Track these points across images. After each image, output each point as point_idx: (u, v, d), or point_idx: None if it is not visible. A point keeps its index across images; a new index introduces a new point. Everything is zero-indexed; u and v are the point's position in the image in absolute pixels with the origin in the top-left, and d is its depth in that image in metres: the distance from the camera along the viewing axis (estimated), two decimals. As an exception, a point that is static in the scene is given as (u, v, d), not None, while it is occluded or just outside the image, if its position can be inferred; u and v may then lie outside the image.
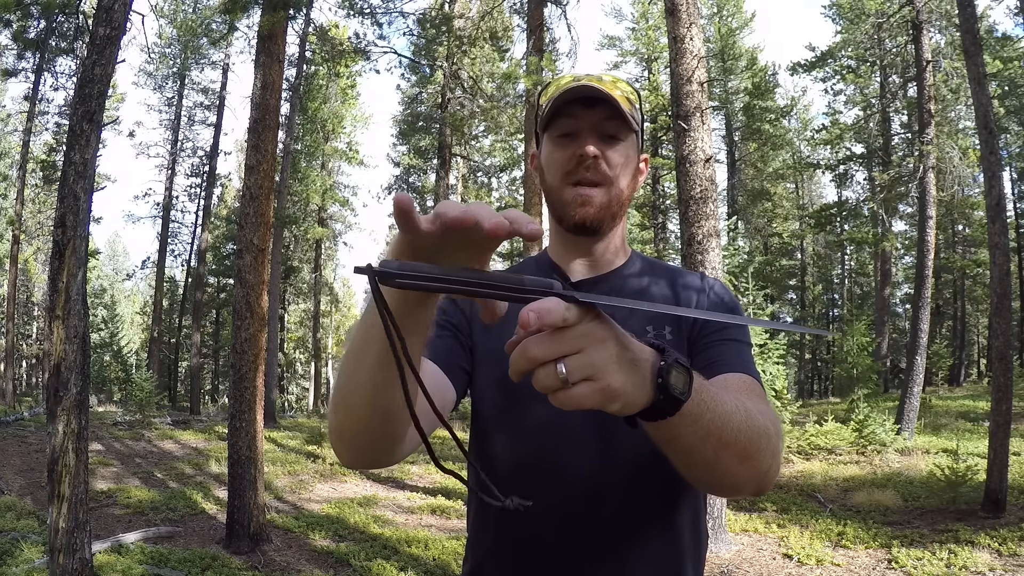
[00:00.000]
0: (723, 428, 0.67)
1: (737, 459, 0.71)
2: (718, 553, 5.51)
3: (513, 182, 25.89)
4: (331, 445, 0.81)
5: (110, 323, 32.10)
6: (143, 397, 13.75)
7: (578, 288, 1.00)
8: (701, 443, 0.67)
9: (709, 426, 0.66)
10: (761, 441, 0.73)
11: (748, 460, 0.72)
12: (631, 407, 0.58)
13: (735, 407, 0.70)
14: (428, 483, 9.04)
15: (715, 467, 0.72)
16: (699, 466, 0.73)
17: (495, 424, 1.00)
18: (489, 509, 1.01)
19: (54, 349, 3.92)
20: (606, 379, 0.54)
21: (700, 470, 0.74)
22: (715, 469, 0.72)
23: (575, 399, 0.54)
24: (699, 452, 0.69)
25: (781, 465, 0.81)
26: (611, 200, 1.00)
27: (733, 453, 0.70)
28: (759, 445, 0.72)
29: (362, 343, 0.68)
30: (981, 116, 6.55)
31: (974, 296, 26.64)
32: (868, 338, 16.28)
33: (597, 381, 0.54)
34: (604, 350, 0.55)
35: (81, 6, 10.06)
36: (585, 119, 0.98)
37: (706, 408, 0.65)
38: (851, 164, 19.76)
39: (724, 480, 0.76)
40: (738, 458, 0.71)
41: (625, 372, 0.56)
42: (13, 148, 23.90)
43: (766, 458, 0.74)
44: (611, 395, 0.55)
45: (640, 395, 0.58)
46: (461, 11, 15.58)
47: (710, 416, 0.65)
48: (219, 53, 21.41)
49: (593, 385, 0.54)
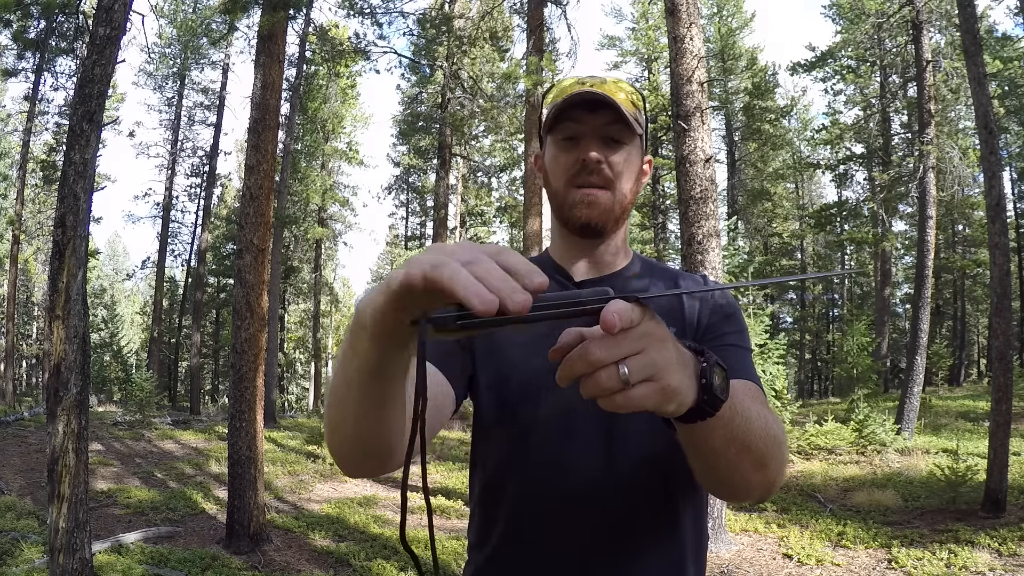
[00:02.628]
0: (747, 433, 0.70)
1: (754, 465, 0.74)
2: (718, 553, 5.51)
3: (513, 182, 25.90)
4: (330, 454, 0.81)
5: (110, 323, 32.11)
6: (143, 397, 13.75)
7: (580, 288, 1.01)
8: (726, 446, 0.69)
9: (736, 430, 0.68)
10: (775, 449, 0.75)
11: (763, 467, 0.75)
12: (683, 407, 0.59)
13: (756, 414, 0.72)
14: (428, 483, 9.03)
15: (735, 471, 0.74)
16: (721, 469, 0.74)
17: (498, 426, 1.00)
18: (497, 510, 1.01)
19: (54, 349, 3.92)
20: (667, 379, 0.55)
21: (721, 473, 0.76)
22: (734, 473, 0.74)
23: (635, 400, 0.54)
24: (723, 455, 0.71)
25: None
26: (615, 203, 1.01)
27: (752, 459, 0.72)
28: (773, 453, 0.75)
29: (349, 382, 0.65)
30: (981, 116, 6.55)
31: (974, 296, 26.63)
32: (868, 338, 16.29)
33: (658, 381, 0.55)
34: (665, 350, 0.55)
35: (81, 6, 10.06)
36: (588, 123, 0.99)
37: (736, 412, 0.67)
38: (851, 164, 19.75)
39: (739, 485, 0.78)
40: (755, 465, 0.74)
41: (681, 372, 0.57)
42: (13, 148, 23.89)
43: (777, 466, 0.77)
44: (670, 395, 0.56)
45: (690, 395, 0.59)
46: (461, 11, 15.58)
47: (738, 420, 0.68)
48: (219, 53, 21.41)
49: (654, 385, 0.55)
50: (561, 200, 1.03)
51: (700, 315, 1.03)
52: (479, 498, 1.05)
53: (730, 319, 1.02)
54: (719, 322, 1.02)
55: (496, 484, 1.01)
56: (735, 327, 1.02)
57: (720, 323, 1.01)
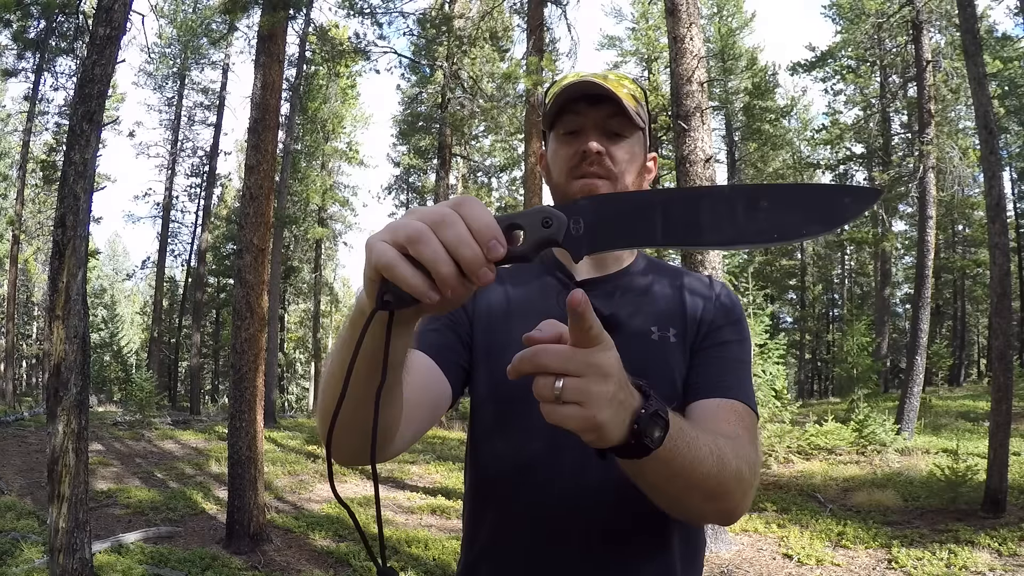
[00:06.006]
0: (692, 472, 0.71)
1: (703, 498, 0.76)
2: (718, 553, 5.51)
3: (513, 182, 25.91)
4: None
5: (110, 323, 32.12)
6: (143, 397, 13.75)
7: (583, 287, 1.00)
8: (666, 483, 0.72)
9: (677, 469, 0.69)
10: (731, 483, 0.76)
11: (715, 500, 0.76)
12: (605, 442, 0.61)
13: (708, 452, 0.73)
14: (428, 483, 9.04)
15: (679, 503, 0.77)
16: (662, 500, 0.78)
17: (494, 423, 1.00)
18: (486, 508, 1.00)
19: (54, 349, 3.92)
20: (593, 411, 0.57)
21: (664, 503, 0.79)
22: (679, 504, 0.78)
23: (558, 416, 0.57)
24: (664, 490, 0.74)
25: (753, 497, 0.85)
26: None
27: (700, 493, 0.74)
28: (728, 487, 0.76)
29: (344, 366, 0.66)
30: (981, 116, 6.55)
31: (974, 296, 26.62)
32: (868, 338, 16.29)
33: (586, 409, 0.57)
34: (603, 385, 0.57)
35: (81, 6, 10.06)
36: (589, 116, 0.99)
37: (677, 454, 0.68)
38: (851, 164, 19.77)
39: (690, 512, 0.81)
40: (704, 498, 0.75)
41: (613, 410, 0.58)
42: (13, 148, 23.90)
43: (735, 497, 0.78)
44: (592, 426, 0.58)
45: (616, 433, 0.60)
46: (461, 11, 15.58)
47: (680, 461, 0.68)
48: (219, 53, 21.41)
49: (580, 411, 0.57)
50: (562, 192, 1.02)
51: (704, 313, 1.01)
52: (471, 495, 1.05)
53: (735, 326, 1.01)
54: (723, 327, 1.00)
55: (489, 482, 1.01)
56: (737, 335, 1.00)
57: (724, 329, 1.00)
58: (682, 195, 0.62)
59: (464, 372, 1.00)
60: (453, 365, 0.97)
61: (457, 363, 0.98)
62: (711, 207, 0.60)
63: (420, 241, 0.51)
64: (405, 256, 0.52)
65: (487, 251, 0.52)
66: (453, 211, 0.53)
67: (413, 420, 0.83)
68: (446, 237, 0.52)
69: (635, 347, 0.96)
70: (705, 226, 0.60)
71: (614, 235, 0.61)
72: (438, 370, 0.93)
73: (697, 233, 0.60)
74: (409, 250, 0.52)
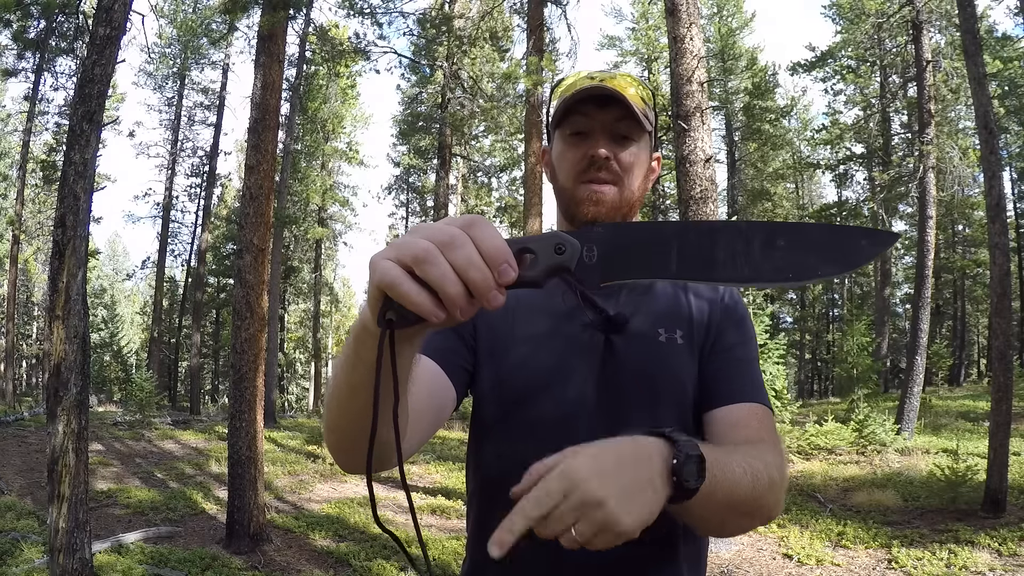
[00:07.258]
0: (731, 496, 0.72)
1: (741, 515, 0.77)
2: (718, 553, 5.51)
3: (513, 182, 25.88)
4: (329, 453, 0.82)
5: (110, 323, 32.12)
6: (143, 397, 13.74)
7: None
8: (711, 513, 0.73)
9: (719, 497, 0.70)
10: (766, 496, 0.77)
11: (752, 515, 0.78)
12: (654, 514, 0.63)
13: (742, 472, 0.74)
14: (428, 483, 9.03)
15: (723, 525, 0.80)
16: (707, 527, 0.80)
17: (497, 424, 0.99)
18: (493, 509, 1.00)
19: (54, 349, 3.92)
20: (618, 528, 0.59)
21: (707, 530, 0.82)
22: (723, 527, 0.81)
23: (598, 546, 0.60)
24: (709, 519, 0.75)
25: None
26: (622, 200, 0.99)
27: (739, 512, 0.76)
28: (764, 500, 0.77)
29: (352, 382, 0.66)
30: (981, 116, 6.55)
31: (974, 296, 26.61)
32: (868, 338, 16.29)
33: (611, 530, 0.59)
34: (600, 511, 0.59)
35: (81, 6, 10.06)
36: (597, 119, 0.98)
37: (717, 485, 0.69)
38: (851, 164, 19.77)
39: (730, 531, 0.83)
40: (743, 515, 0.77)
41: (634, 505, 0.61)
42: (13, 148, 23.90)
43: (769, 505, 0.79)
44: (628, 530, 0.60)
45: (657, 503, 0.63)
46: (461, 11, 15.57)
47: (720, 491, 0.70)
48: (219, 53, 21.41)
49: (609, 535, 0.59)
50: (568, 196, 1.01)
51: (712, 316, 1.01)
52: (478, 496, 1.04)
53: (739, 326, 1.01)
54: (728, 330, 1.00)
55: (493, 483, 1.00)
56: (743, 336, 1.00)
57: (729, 331, 1.00)
58: (698, 228, 0.61)
59: (468, 374, 1.00)
60: (457, 368, 0.96)
61: (461, 366, 0.98)
62: (727, 243, 0.59)
63: (427, 261, 0.50)
64: (410, 275, 0.51)
65: (498, 275, 0.51)
66: (463, 232, 0.51)
67: (418, 429, 0.83)
68: (455, 258, 0.50)
69: (642, 348, 0.96)
70: (720, 262, 0.59)
71: (628, 266, 0.59)
72: (442, 374, 0.93)
73: (712, 269, 0.59)
74: (415, 270, 0.50)
